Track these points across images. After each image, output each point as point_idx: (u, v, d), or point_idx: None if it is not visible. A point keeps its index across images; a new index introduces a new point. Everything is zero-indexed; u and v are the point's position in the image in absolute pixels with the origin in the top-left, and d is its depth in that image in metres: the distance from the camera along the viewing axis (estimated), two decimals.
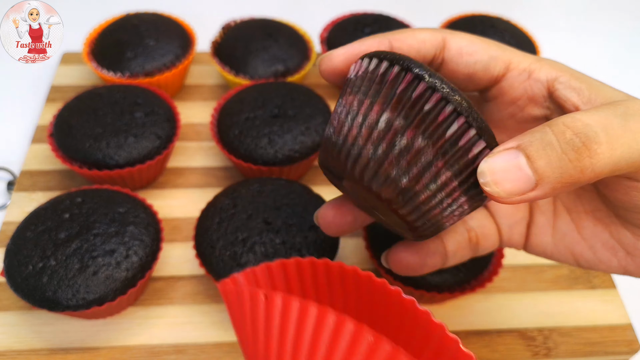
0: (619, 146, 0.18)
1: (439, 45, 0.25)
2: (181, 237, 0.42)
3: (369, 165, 0.20)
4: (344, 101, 0.22)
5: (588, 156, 0.18)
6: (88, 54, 0.50)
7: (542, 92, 0.24)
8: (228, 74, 0.50)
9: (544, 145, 0.18)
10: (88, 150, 0.40)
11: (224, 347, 0.36)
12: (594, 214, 0.25)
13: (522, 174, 0.18)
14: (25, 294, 0.33)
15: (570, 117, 0.18)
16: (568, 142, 0.18)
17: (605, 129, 0.18)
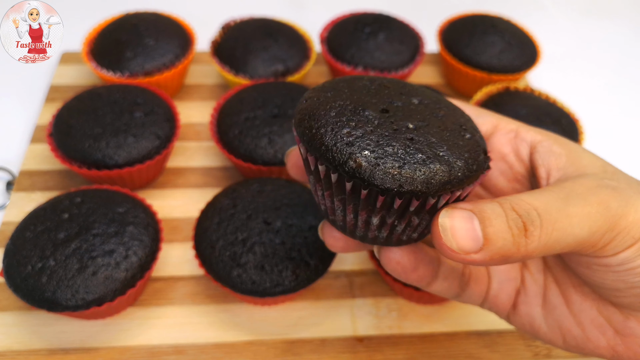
0: (553, 230, 0.20)
1: (489, 131, 0.27)
2: (181, 237, 0.42)
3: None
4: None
5: (524, 236, 0.20)
6: (87, 54, 0.50)
7: (526, 150, 0.25)
8: (228, 74, 0.50)
9: (496, 216, 0.20)
10: (87, 150, 0.40)
11: (223, 347, 0.36)
12: (581, 289, 0.25)
13: (474, 235, 0.20)
14: (25, 294, 0.33)
15: (517, 198, 0.21)
16: (513, 220, 0.20)
17: (545, 212, 0.20)
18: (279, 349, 0.36)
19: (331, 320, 0.38)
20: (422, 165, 0.20)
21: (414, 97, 0.23)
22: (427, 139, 0.21)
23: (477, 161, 0.21)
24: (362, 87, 0.23)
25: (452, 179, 0.20)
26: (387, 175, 0.20)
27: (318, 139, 0.21)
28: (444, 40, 0.55)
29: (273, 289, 0.34)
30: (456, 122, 0.23)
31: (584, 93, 0.61)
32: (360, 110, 0.21)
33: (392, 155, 0.20)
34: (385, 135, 0.21)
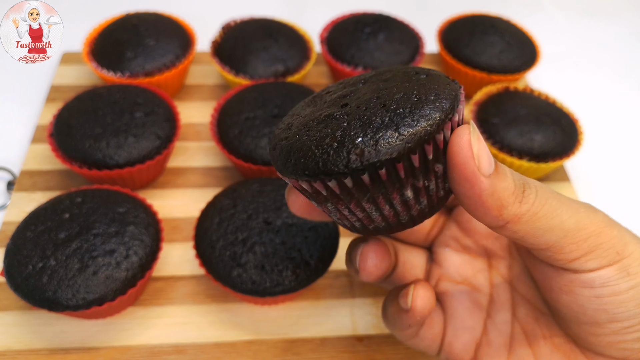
0: (545, 204, 0.21)
1: None
2: (181, 237, 0.42)
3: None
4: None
5: (522, 193, 0.21)
6: (88, 54, 0.50)
7: None
8: (228, 74, 0.50)
9: (501, 165, 0.21)
10: (88, 150, 0.40)
11: (223, 347, 0.36)
12: (552, 340, 0.25)
13: (490, 158, 0.20)
14: (25, 294, 0.33)
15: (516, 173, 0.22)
16: (515, 176, 0.21)
17: (541, 188, 0.21)
18: (279, 348, 0.36)
19: (331, 320, 0.38)
20: (412, 114, 0.20)
21: (358, 82, 0.23)
22: (395, 96, 0.21)
23: (449, 84, 0.21)
24: (314, 102, 0.24)
25: (441, 107, 0.20)
26: (392, 143, 0.19)
27: (312, 164, 0.20)
28: (444, 40, 0.55)
29: (273, 289, 0.34)
30: (405, 74, 0.22)
31: (584, 93, 0.61)
32: (326, 118, 0.21)
33: (381, 125, 0.20)
34: (361, 117, 0.20)
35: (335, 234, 0.37)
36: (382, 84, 0.22)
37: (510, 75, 0.52)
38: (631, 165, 0.54)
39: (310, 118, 0.22)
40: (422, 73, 0.22)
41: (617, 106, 0.60)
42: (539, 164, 0.45)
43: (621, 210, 0.47)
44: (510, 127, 0.46)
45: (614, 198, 0.50)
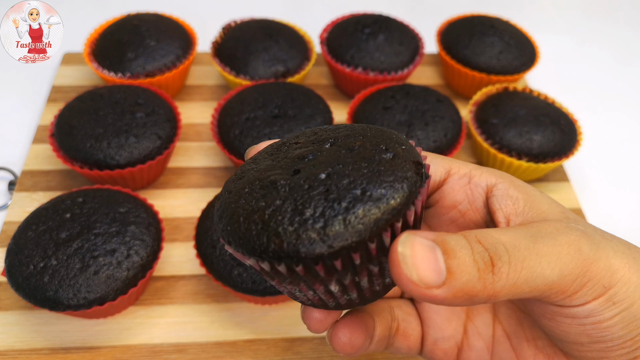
0: (522, 269, 0.18)
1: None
2: (182, 237, 0.42)
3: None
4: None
5: (491, 272, 0.18)
6: (89, 55, 0.50)
7: (482, 197, 0.23)
8: (228, 75, 0.50)
9: (460, 247, 0.18)
10: (89, 150, 0.41)
11: (224, 346, 0.36)
12: (535, 343, 0.24)
13: (436, 266, 0.18)
14: (27, 293, 0.33)
15: (483, 232, 0.19)
16: (479, 252, 0.18)
17: (513, 249, 0.18)
18: (279, 347, 0.36)
19: None
20: (346, 213, 0.17)
21: (326, 141, 0.21)
22: (342, 182, 0.18)
23: (406, 179, 0.19)
24: (279, 150, 0.22)
25: (384, 212, 0.18)
26: (313, 242, 0.17)
27: (236, 237, 0.19)
28: (443, 41, 0.55)
29: (273, 288, 0.34)
30: (375, 146, 0.20)
31: (583, 93, 0.61)
32: (269, 185, 0.19)
33: (312, 218, 0.18)
34: (297, 200, 0.18)
35: None
36: (344, 155, 0.20)
37: (509, 75, 0.53)
38: (630, 165, 0.54)
39: (259, 176, 0.20)
40: (390, 150, 0.20)
41: (616, 106, 0.60)
42: (538, 164, 0.45)
43: (621, 210, 0.47)
44: (509, 128, 0.46)
45: (613, 198, 0.50)
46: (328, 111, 0.46)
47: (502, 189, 0.23)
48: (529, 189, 0.23)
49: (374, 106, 0.46)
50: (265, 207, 0.18)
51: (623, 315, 0.19)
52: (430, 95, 0.47)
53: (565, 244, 0.19)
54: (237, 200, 0.20)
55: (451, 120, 0.46)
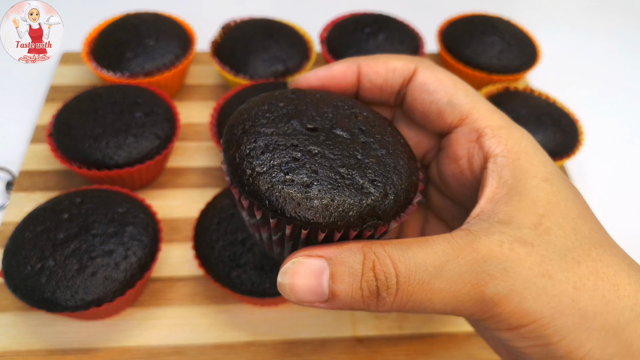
0: (408, 301, 0.19)
1: (408, 76, 0.24)
2: (180, 238, 0.42)
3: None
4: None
5: (375, 300, 0.19)
6: (87, 54, 0.50)
7: (479, 162, 0.22)
8: (228, 74, 0.50)
9: (349, 274, 0.19)
10: (87, 150, 0.40)
11: (222, 348, 0.36)
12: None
13: (319, 290, 0.19)
14: (24, 294, 0.32)
15: (385, 256, 0.19)
16: (366, 282, 0.19)
17: (405, 281, 0.18)
18: (278, 349, 0.36)
19: (331, 321, 0.38)
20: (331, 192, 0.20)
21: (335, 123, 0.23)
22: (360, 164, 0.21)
23: (362, 215, 0.20)
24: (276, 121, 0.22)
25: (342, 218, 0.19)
26: (290, 203, 0.20)
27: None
28: (444, 40, 0.55)
29: (273, 290, 0.34)
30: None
31: (584, 93, 0.61)
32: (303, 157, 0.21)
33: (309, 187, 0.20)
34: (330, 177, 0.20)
35: None
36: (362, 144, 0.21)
37: (510, 75, 0.52)
38: (631, 165, 0.54)
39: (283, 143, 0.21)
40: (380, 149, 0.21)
41: (618, 106, 0.60)
42: None
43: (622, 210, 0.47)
44: None
45: (614, 198, 0.49)
46: None
47: (498, 165, 0.21)
48: (523, 175, 0.21)
49: None
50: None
51: (539, 349, 0.19)
52: None
53: (469, 284, 0.18)
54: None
55: None
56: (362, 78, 0.25)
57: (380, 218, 0.20)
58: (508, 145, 0.22)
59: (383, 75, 0.24)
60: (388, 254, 0.19)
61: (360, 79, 0.25)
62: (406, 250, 0.19)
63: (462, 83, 0.23)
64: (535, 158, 0.21)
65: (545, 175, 0.21)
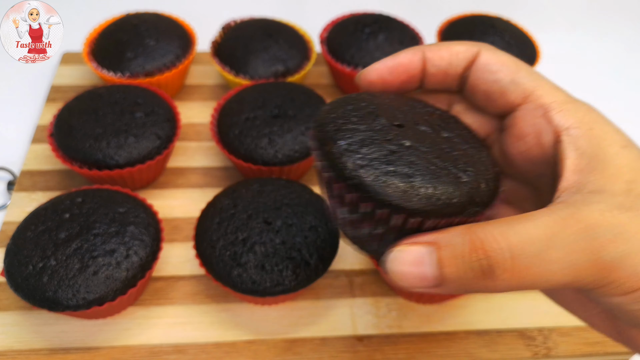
0: (527, 275, 0.18)
1: (471, 58, 0.24)
2: (181, 237, 0.42)
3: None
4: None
5: (491, 279, 0.18)
6: (88, 54, 0.50)
7: (549, 138, 0.22)
8: (228, 74, 0.50)
9: (455, 256, 0.18)
10: (88, 150, 0.40)
11: (224, 346, 0.36)
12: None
13: (429, 275, 0.19)
14: (26, 294, 0.33)
15: (490, 234, 0.19)
16: (476, 261, 0.18)
17: (519, 255, 0.18)
18: (279, 348, 0.36)
19: (331, 320, 0.38)
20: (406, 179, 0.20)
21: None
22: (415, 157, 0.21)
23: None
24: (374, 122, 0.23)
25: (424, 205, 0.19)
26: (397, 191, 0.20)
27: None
28: (444, 40, 0.55)
29: (273, 289, 0.34)
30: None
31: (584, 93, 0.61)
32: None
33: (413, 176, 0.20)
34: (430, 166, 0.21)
35: (336, 234, 0.37)
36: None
37: None
38: None
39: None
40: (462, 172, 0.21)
41: (618, 106, 0.60)
42: None
43: None
44: None
45: None
46: None
47: (573, 136, 0.21)
48: (604, 142, 0.20)
49: None
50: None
51: None
52: None
53: (586, 250, 0.18)
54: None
55: None
56: (427, 63, 0.25)
57: (478, 205, 0.21)
58: (578, 116, 0.21)
59: (447, 59, 0.25)
60: (493, 232, 0.18)
61: (426, 64, 0.25)
62: (511, 227, 0.18)
63: (524, 64, 0.24)
64: (608, 127, 0.21)
65: (622, 143, 0.21)
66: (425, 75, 0.26)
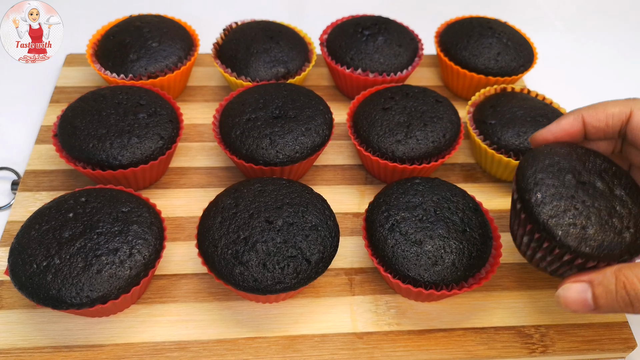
0: None
1: (625, 119, 0.31)
2: (184, 236, 0.43)
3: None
4: None
5: (632, 308, 0.27)
6: (91, 56, 0.50)
7: None
8: (230, 76, 0.50)
9: (607, 292, 0.27)
10: (92, 150, 0.41)
11: (225, 343, 0.37)
12: None
13: (586, 304, 0.28)
14: (30, 292, 0.33)
15: (634, 276, 0.27)
16: (622, 296, 0.27)
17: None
18: (280, 345, 0.37)
19: (331, 317, 0.38)
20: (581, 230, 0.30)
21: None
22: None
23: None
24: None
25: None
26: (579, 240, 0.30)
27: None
28: (442, 42, 0.56)
29: (274, 287, 0.35)
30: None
31: (580, 94, 0.62)
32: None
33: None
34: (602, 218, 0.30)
35: (336, 233, 0.38)
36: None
37: (507, 77, 0.53)
38: None
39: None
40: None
41: None
42: None
43: None
44: (507, 128, 0.46)
45: None
46: (328, 112, 0.46)
47: None
48: None
49: (374, 107, 0.47)
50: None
51: None
52: (429, 96, 0.48)
53: None
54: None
55: (449, 120, 0.46)
56: (587, 125, 0.32)
57: (632, 255, 0.30)
58: None
59: (604, 120, 0.32)
60: (635, 275, 0.26)
61: (585, 126, 0.33)
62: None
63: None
64: None
65: None
66: (586, 133, 0.33)
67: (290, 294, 0.38)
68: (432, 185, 0.40)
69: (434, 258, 0.36)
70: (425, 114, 0.46)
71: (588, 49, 0.68)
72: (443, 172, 0.49)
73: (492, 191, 0.48)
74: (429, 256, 0.36)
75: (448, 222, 0.38)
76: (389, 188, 0.41)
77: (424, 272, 0.36)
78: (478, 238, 0.37)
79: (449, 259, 0.36)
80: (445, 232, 0.37)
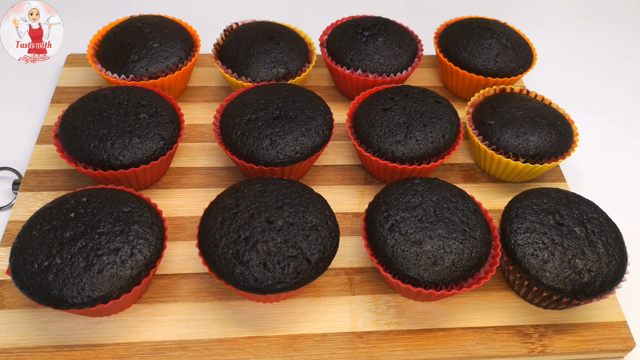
0: None
1: None
2: (185, 236, 0.43)
3: None
4: None
5: None
6: (92, 56, 0.51)
7: None
8: (230, 77, 0.50)
9: None
10: (93, 150, 0.41)
11: (226, 343, 0.37)
12: None
13: None
14: (31, 292, 0.33)
15: None
16: None
17: None
18: (280, 344, 0.37)
19: (331, 317, 0.39)
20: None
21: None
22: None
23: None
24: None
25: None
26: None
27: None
28: (441, 43, 0.56)
29: (275, 286, 0.35)
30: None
31: (579, 95, 0.62)
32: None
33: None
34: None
35: (336, 233, 0.38)
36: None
37: (506, 77, 0.53)
38: (625, 166, 0.55)
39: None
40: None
41: (612, 107, 0.61)
42: (534, 164, 0.46)
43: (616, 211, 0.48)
44: (506, 129, 0.46)
45: (608, 198, 0.50)
46: (328, 112, 0.46)
47: None
48: None
49: (373, 107, 0.47)
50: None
51: None
52: (429, 96, 0.48)
53: None
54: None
55: (449, 121, 0.46)
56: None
57: (587, 295, 0.35)
58: None
59: None
60: None
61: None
62: None
63: None
64: None
65: None
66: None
67: (291, 294, 0.38)
68: (431, 186, 0.40)
69: (434, 258, 0.36)
70: (424, 114, 0.46)
71: (587, 49, 0.69)
72: (442, 173, 0.49)
73: (492, 191, 0.48)
74: (428, 256, 0.36)
75: (447, 222, 0.38)
76: (389, 188, 0.41)
77: (424, 272, 0.36)
78: (477, 238, 0.38)
79: (449, 259, 0.36)
80: (444, 232, 0.37)
